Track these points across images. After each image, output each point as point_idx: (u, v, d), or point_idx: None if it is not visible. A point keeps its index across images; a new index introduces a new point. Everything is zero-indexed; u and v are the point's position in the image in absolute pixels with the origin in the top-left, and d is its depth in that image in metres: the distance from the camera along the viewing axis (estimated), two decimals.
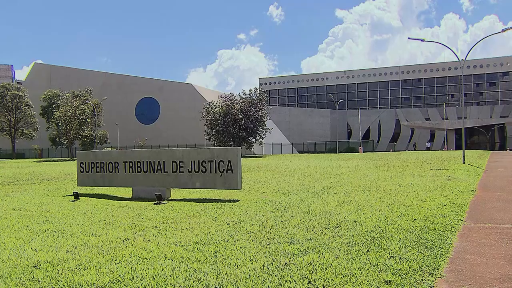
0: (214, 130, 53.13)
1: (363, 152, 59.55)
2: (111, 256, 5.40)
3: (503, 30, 27.59)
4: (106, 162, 13.12)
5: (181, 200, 11.29)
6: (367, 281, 4.27)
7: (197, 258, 5.20)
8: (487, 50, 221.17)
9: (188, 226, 7.42)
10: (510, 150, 58.25)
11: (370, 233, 6.38)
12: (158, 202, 10.66)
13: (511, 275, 4.46)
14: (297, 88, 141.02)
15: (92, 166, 13.41)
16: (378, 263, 4.83)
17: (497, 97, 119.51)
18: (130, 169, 12.62)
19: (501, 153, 43.06)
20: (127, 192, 13.10)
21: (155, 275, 4.54)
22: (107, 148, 61.46)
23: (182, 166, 11.78)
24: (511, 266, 4.77)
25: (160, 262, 5.07)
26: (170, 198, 11.67)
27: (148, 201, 11.08)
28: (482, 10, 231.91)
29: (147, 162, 12.33)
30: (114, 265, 4.96)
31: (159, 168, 12.14)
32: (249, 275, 4.49)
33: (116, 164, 12.92)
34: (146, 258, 5.26)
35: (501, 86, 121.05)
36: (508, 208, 8.86)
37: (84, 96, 65.18)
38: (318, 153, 65.13)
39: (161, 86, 77.64)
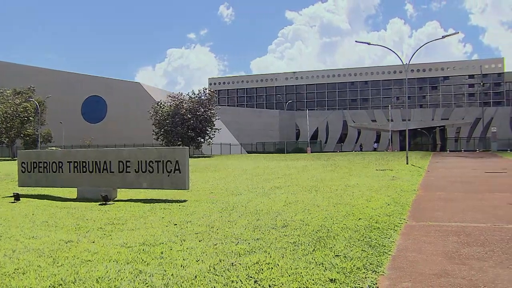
0: (162, 130, 52.58)
1: (311, 152, 60.30)
2: (53, 259, 5.23)
3: (443, 37, 28.93)
4: (49, 162, 12.71)
5: (128, 200, 11.09)
6: (312, 280, 4.33)
7: (143, 260, 5.13)
8: (430, 55, 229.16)
9: (134, 227, 7.30)
10: (450, 151, 60.56)
11: (316, 232, 6.47)
12: (104, 202, 10.43)
13: (448, 271, 4.64)
14: (247, 88, 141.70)
15: (35, 166, 12.96)
16: (324, 262, 4.91)
17: (438, 100, 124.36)
18: (75, 169, 12.29)
19: (442, 154, 44.72)
20: (72, 192, 12.72)
21: (99, 278, 4.44)
22: (52, 148, 59.50)
23: (129, 166, 11.58)
24: (448, 262, 4.97)
25: (105, 264, 4.96)
26: (116, 199, 11.44)
27: (94, 202, 10.81)
28: (425, 16, 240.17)
29: (92, 162, 12.05)
30: (55, 268, 4.81)
31: (105, 168, 11.88)
32: (196, 276, 4.46)
33: (60, 164, 12.54)
34: (90, 260, 5.13)
35: (442, 89, 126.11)
36: (448, 207, 9.21)
37: (27, 94, 62.91)
38: (266, 153, 65.44)
39: (108, 84, 75.94)
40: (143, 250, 5.60)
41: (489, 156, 36.79)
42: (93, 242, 6.14)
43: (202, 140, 54.10)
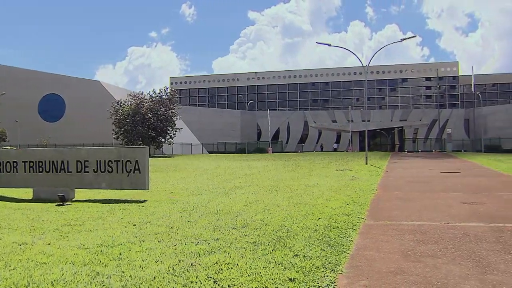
0: (122, 129, 51.75)
1: (272, 152, 60.57)
2: (5, 262, 5.07)
3: (402, 40, 29.62)
4: (3, 162, 12.31)
5: (86, 201, 10.88)
6: (272, 279, 4.35)
7: (100, 261, 5.04)
8: (389, 58, 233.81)
9: (92, 228, 7.16)
10: (408, 151, 61.93)
11: (276, 232, 6.51)
12: (61, 203, 10.20)
13: (404, 268, 4.77)
14: (208, 88, 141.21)
15: None
16: (283, 262, 4.94)
17: (397, 102, 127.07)
18: (31, 169, 11.95)
19: (400, 155, 45.69)
20: (27, 193, 12.35)
21: (54, 281, 4.34)
22: (6, 147, 57.73)
23: (88, 166, 11.36)
24: (404, 260, 5.10)
25: (61, 266, 4.85)
26: (74, 199, 11.20)
27: (51, 203, 10.55)
28: (384, 19, 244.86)
29: (49, 161, 11.75)
30: (7, 272, 4.66)
31: (62, 168, 11.61)
32: (154, 277, 4.42)
33: (15, 163, 12.17)
34: (45, 263, 5.01)
35: (401, 91, 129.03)
36: (404, 206, 9.43)
37: None
38: (228, 153, 65.32)
39: (66, 82, 74.21)
40: (101, 251, 5.50)
41: (445, 157, 37.85)
42: (49, 244, 5.99)
43: (163, 139, 53.60)
